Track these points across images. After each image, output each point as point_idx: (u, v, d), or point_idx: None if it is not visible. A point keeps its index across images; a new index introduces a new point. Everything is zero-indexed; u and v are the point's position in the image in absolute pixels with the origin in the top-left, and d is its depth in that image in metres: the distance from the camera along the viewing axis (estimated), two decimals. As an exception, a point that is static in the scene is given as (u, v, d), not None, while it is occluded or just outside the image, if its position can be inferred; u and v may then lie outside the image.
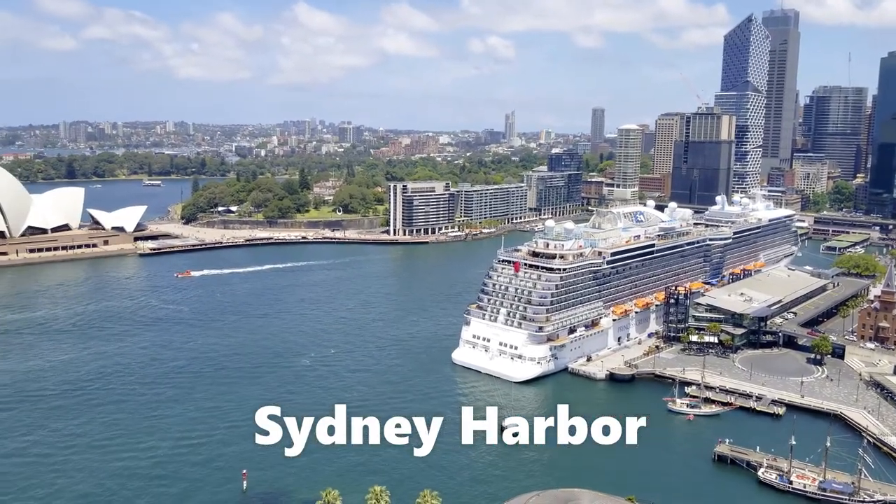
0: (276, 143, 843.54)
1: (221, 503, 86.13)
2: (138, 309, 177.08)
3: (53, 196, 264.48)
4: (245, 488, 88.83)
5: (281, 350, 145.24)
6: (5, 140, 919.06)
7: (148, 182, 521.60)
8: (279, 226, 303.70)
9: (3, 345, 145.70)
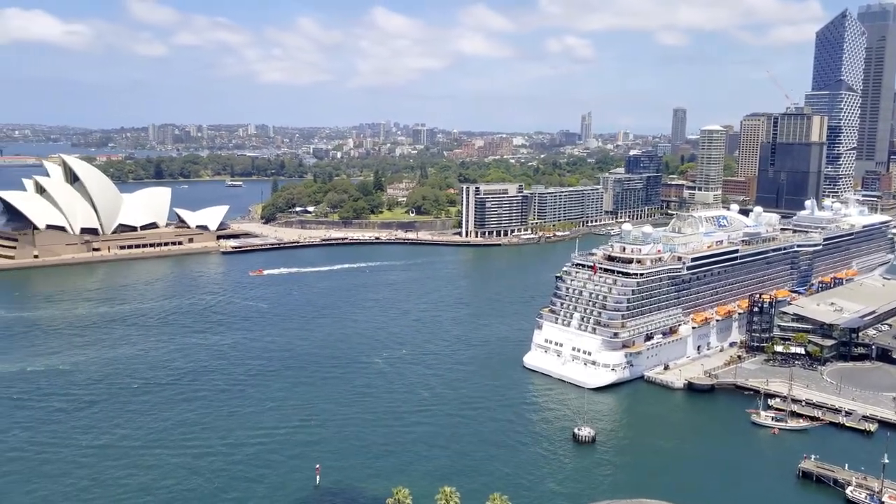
0: (352, 146, 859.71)
1: (294, 495, 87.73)
2: (220, 305, 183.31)
3: (143, 196, 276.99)
4: (318, 482, 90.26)
5: (354, 349, 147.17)
6: (99, 142, 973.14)
7: (230, 183, 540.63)
8: (353, 226, 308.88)
9: (96, 337, 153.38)
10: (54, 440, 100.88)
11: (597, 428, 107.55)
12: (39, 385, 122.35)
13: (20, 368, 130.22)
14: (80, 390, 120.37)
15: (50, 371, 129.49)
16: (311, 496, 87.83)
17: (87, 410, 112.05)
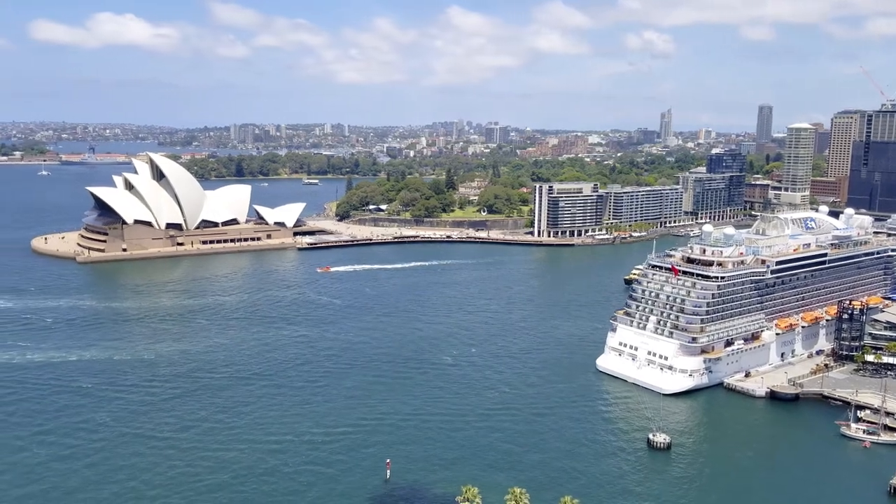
0: (425, 144, 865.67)
1: (365, 489, 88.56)
2: (296, 300, 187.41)
3: (224, 193, 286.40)
4: (388, 477, 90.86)
5: (425, 346, 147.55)
6: (184, 141, 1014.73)
7: (307, 181, 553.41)
8: (425, 224, 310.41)
9: (178, 328, 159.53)
10: (138, 429, 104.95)
11: (672, 435, 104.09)
12: (125, 373, 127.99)
13: (108, 356, 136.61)
14: (163, 381, 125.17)
15: (135, 360, 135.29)
16: (381, 490, 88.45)
17: (169, 402, 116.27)
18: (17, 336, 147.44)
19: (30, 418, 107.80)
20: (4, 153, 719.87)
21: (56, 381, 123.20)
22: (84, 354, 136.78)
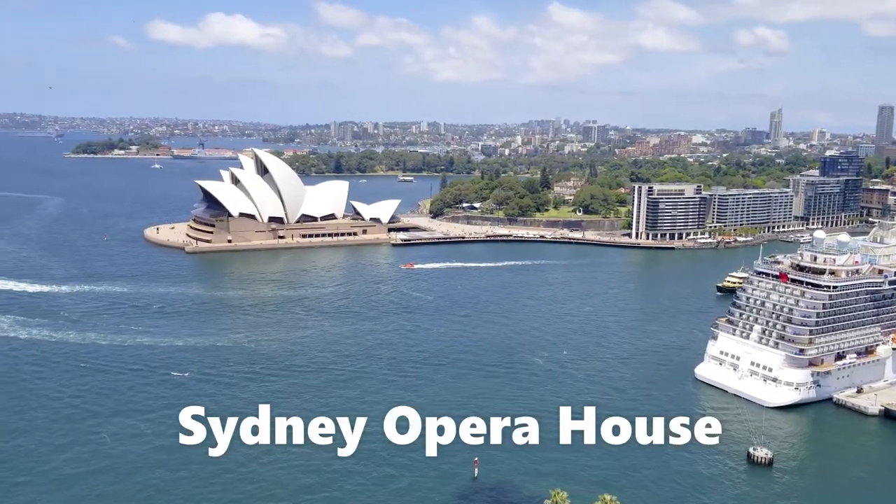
0: (520, 143, 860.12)
1: (452, 486, 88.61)
2: (389, 293, 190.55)
3: (323, 188, 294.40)
4: (476, 475, 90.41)
5: (515, 346, 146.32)
6: (287, 138, 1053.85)
7: (402, 178, 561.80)
8: (518, 223, 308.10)
9: (277, 318, 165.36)
10: (240, 413, 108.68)
11: (775, 450, 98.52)
12: (227, 360, 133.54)
13: (211, 343, 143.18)
14: (261, 368, 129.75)
15: (236, 347, 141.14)
16: (468, 488, 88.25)
17: (266, 388, 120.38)
18: (129, 320, 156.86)
19: (142, 399, 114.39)
20: (122, 147, 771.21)
21: (163, 364, 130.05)
22: (189, 340, 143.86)
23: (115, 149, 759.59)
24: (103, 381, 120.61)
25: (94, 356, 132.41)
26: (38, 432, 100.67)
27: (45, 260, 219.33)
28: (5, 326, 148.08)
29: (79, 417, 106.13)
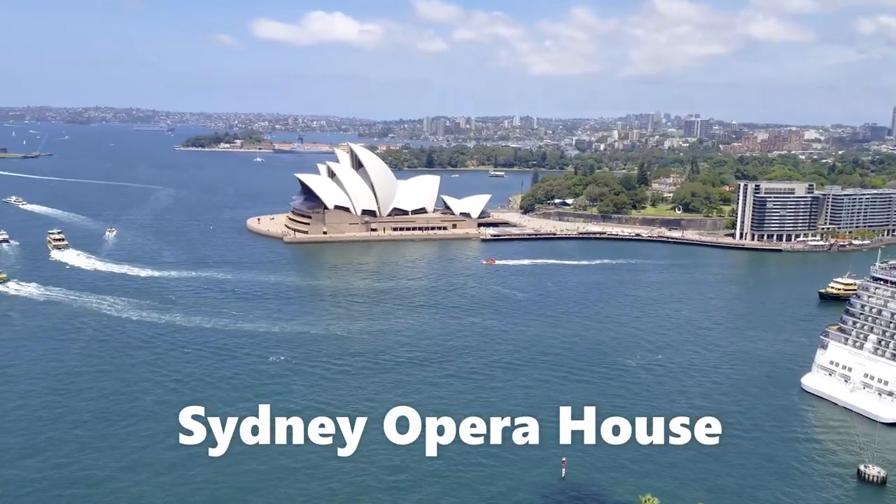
0: (617, 138, 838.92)
1: (539, 486, 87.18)
2: (477, 288, 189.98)
3: (415, 182, 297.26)
4: (563, 475, 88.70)
5: (607, 347, 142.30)
6: (381, 133, 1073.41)
7: (493, 173, 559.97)
8: (613, 221, 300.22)
9: (368, 308, 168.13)
10: (329, 401, 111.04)
11: (889, 468, 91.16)
12: (320, 348, 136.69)
13: (305, 330, 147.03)
14: (352, 357, 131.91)
15: (329, 336, 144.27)
16: (555, 488, 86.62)
17: (356, 377, 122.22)
18: (231, 305, 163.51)
19: (244, 381, 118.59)
20: (227, 141, 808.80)
21: (260, 349, 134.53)
22: (285, 327, 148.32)
23: (221, 143, 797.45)
24: (204, 364, 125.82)
25: (197, 339, 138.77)
26: (148, 419, 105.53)
27: (157, 246, 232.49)
28: (119, 307, 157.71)
29: (177, 403, 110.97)
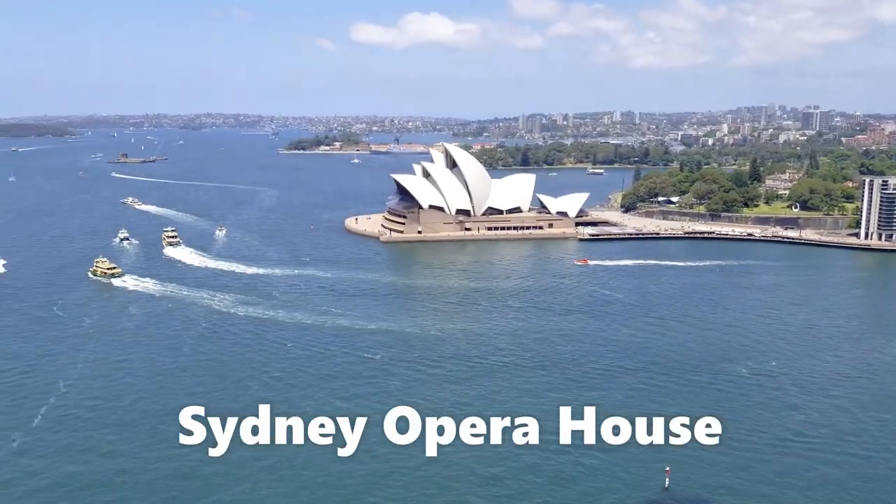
0: (726, 132, 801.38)
1: (642, 495, 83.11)
2: (575, 290, 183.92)
3: (509, 181, 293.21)
4: (667, 485, 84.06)
5: (715, 352, 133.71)
6: (475, 132, 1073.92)
7: (592, 171, 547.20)
8: (722, 220, 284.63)
9: (462, 308, 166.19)
10: (426, 400, 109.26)
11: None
12: (413, 346, 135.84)
13: (400, 328, 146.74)
14: (446, 358, 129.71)
15: (423, 334, 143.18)
16: (658, 498, 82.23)
17: (449, 378, 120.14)
18: (331, 302, 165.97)
19: (341, 378, 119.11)
20: (327, 143, 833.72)
21: (357, 346, 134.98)
22: (381, 325, 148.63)
23: (321, 145, 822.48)
24: (304, 361, 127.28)
25: (298, 335, 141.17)
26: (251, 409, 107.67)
27: (261, 245, 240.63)
28: (228, 303, 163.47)
29: (275, 400, 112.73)
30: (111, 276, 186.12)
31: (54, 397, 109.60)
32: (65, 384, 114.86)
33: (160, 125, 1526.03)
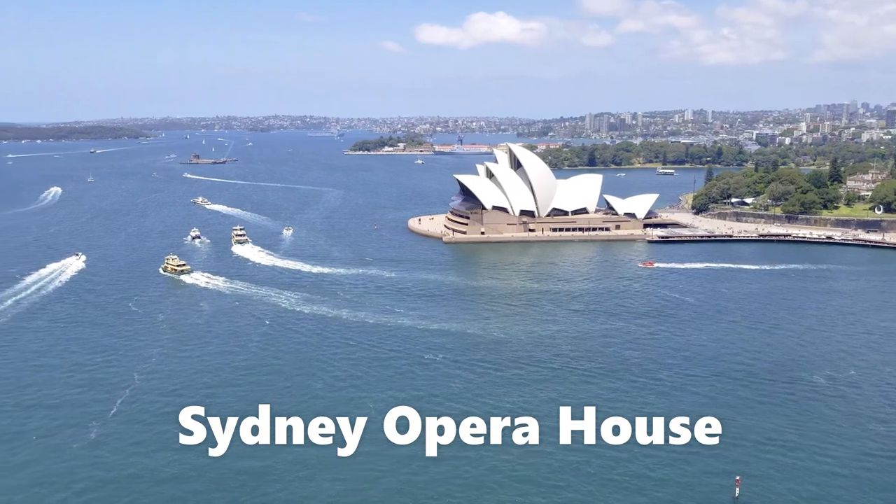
0: (805, 130, 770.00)
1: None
2: (642, 293, 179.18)
3: (575, 182, 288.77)
4: (737, 495, 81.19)
5: (790, 360, 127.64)
6: (540, 131, 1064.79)
7: (661, 171, 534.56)
8: (799, 222, 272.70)
9: (525, 309, 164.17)
10: (485, 402, 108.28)
11: None
12: (476, 347, 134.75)
13: (462, 329, 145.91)
14: (509, 361, 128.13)
15: (485, 336, 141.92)
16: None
17: (513, 381, 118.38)
18: (394, 302, 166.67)
19: (403, 379, 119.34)
20: (391, 144, 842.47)
21: (419, 346, 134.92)
22: (444, 325, 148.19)
23: (385, 146, 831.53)
24: (366, 360, 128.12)
25: (361, 334, 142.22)
26: (317, 403, 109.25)
27: (327, 244, 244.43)
28: (293, 301, 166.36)
29: (337, 400, 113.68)
30: (180, 273, 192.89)
31: (130, 389, 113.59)
32: (139, 377, 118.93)
33: (230, 127, 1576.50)
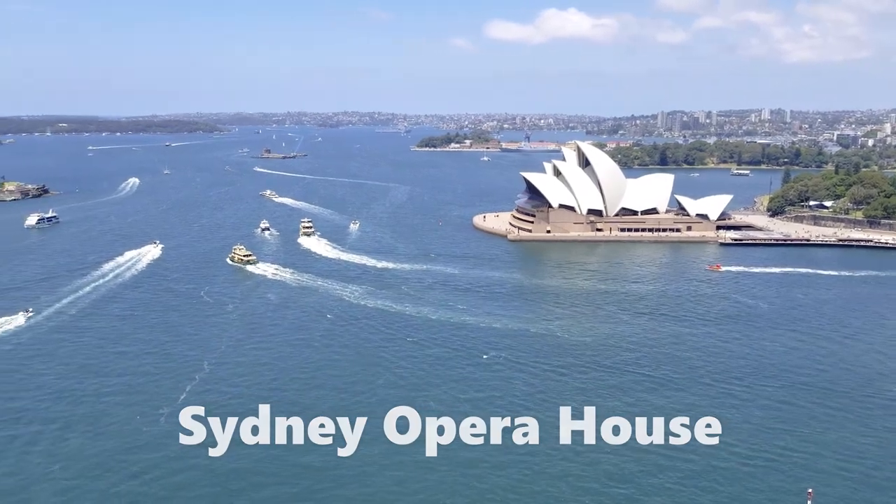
0: (889, 132, 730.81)
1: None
2: (712, 296, 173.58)
3: (646, 181, 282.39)
4: None
5: (871, 372, 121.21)
6: (610, 129, 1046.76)
7: (736, 171, 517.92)
8: (882, 227, 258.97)
9: (590, 310, 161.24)
10: (542, 403, 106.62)
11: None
12: (538, 348, 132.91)
13: (524, 328, 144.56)
14: (570, 362, 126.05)
15: (547, 335, 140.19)
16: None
17: (574, 384, 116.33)
18: (456, 298, 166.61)
19: (466, 379, 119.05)
20: (458, 141, 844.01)
21: (479, 345, 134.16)
22: (507, 323, 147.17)
23: (451, 143, 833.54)
24: (428, 357, 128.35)
25: (424, 330, 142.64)
26: (373, 402, 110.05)
27: (392, 240, 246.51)
28: (358, 295, 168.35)
29: (395, 399, 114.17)
30: (246, 263, 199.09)
31: (199, 376, 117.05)
32: (209, 364, 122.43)
33: (300, 123, 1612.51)
